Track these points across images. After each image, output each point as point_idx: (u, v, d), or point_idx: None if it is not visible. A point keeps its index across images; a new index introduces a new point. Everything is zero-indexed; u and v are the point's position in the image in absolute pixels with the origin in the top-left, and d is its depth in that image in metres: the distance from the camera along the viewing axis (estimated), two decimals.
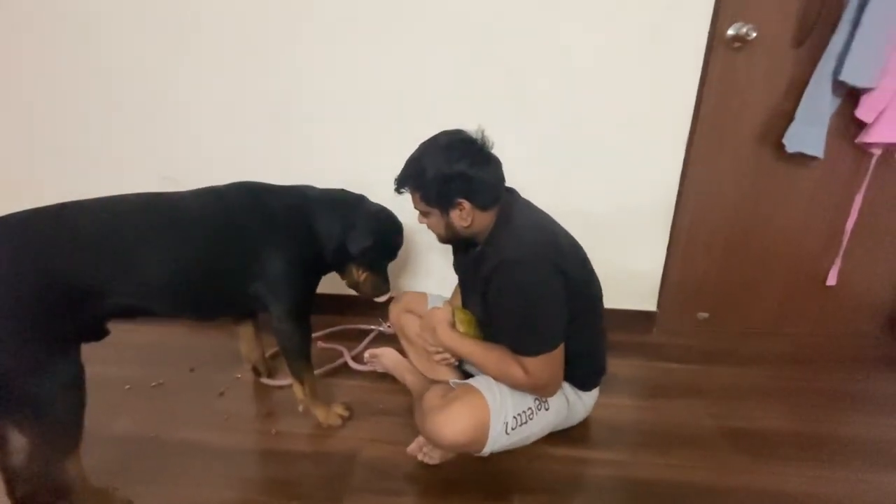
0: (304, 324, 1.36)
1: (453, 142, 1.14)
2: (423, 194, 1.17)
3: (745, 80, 1.60)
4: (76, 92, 1.77)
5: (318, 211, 1.34)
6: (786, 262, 1.85)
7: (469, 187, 1.13)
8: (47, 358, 0.95)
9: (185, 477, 1.23)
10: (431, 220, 1.22)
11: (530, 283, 1.08)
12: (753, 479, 1.23)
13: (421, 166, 1.14)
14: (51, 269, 0.97)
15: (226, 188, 1.29)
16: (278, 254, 1.26)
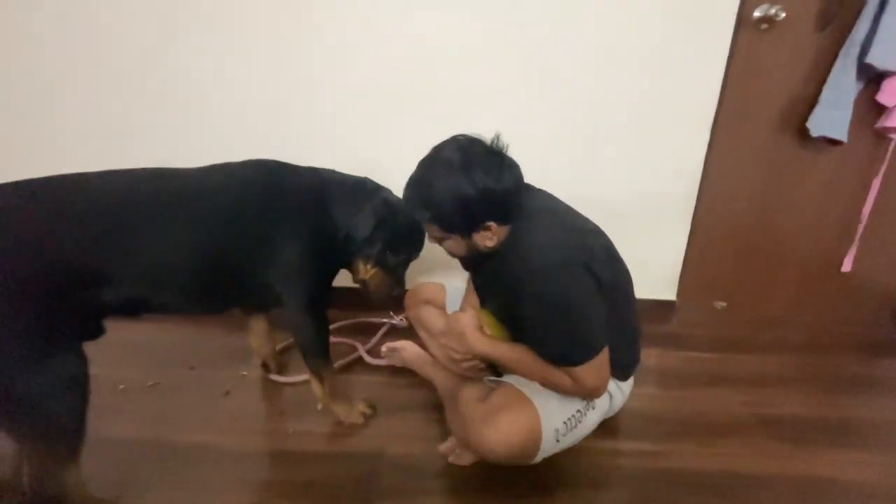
0: (321, 317, 1.26)
1: (470, 156, 0.98)
2: (443, 224, 1.03)
3: (770, 63, 1.57)
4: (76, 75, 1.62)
5: (337, 195, 1.22)
6: (802, 249, 1.84)
7: (495, 206, 1.00)
8: (45, 351, 0.82)
9: (195, 483, 1.12)
10: (449, 245, 1.09)
11: (563, 292, 0.99)
12: (794, 466, 1.21)
13: (434, 191, 0.98)
14: (46, 247, 0.85)
15: (240, 165, 1.18)
16: (293, 239, 1.16)
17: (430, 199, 1.00)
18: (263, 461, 1.20)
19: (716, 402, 1.44)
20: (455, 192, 0.97)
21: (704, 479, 1.15)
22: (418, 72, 1.60)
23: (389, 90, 1.62)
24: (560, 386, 1.06)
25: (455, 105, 1.62)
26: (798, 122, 1.62)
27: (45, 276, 0.84)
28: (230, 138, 1.57)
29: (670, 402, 1.45)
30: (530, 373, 1.09)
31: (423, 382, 1.46)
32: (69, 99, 1.65)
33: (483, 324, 1.18)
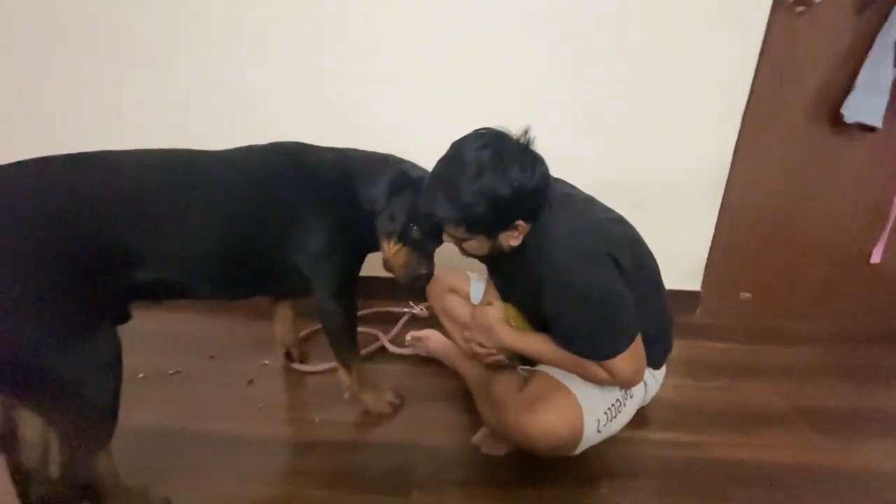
0: (349, 304, 1.22)
1: (502, 153, 0.91)
2: (470, 226, 0.96)
3: (805, 47, 1.54)
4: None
5: (359, 172, 1.17)
6: (830, 239, 1.81)
7: (527, 204, 0.95)
8: (83, 332, 0.78)
9: (225, 471, 1.08)
10: (469, 245, 1.02)
11: (592, 286, 0.95)
12: (840, 458, 1.17)
13: (464, 193, 0.91)
14: (83, 224, 0.81)
15: (265, 147, 1.14)
16: (318, 220, 1.12)
17: (458, 200, 0.92)
18: (293, 450, 1.16)
19: (752, 393, 1.40)
20: (489, 192, 0.90)
21: (751, 471, 1.12)
22: (447, 60, 1.57)
23: (414, 79, 1.59)
24: (595, 378, 1.02)
25: (482, 92, 1.59)
26: (832, 108, 1.59)
27: (82, 254, 0.80)
28: (253, 125, 1.54)
29: (704, 392, 1.41)
30: (563, 363, 1.05)
31: (448, 372, 1.43)
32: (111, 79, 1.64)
33: (510, 316, 1.14)
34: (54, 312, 0.75)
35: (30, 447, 0.91)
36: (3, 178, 0.79)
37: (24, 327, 0.72)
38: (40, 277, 0.74)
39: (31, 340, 0.73)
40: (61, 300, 0.76)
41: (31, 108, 1.68)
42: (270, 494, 1.03)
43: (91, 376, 0.79)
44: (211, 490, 1.03)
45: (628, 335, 0.99)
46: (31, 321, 0.73)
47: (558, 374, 1.06)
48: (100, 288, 0.83)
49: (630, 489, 1.07)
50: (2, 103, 1.67)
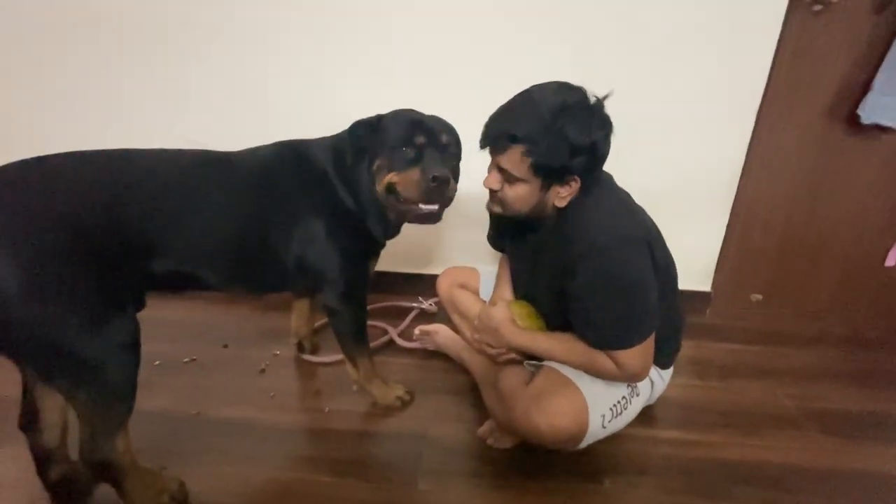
0: (359, 304, 1.23)
1: (590, 106, 0.92)
2: (537, 161, 0.93)
3: (821, 46, 1.52)
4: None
5: (337, 161, 1.14)
6: (844, 242, 1.78)
7: (593, 164, 0.95)
8: (105, 313, 0.82)
9: (237, 456, 1.11)
10: (518, 190, 0.99)
11: (627, 272, 0.96)
12: (850, 461, 1.16)
13: (547, 127, 0.90)
14: (109, 216, 0.86)
15: (268, 147, 1.16)
16: (320, 219, 1.12)
17: (538, 132, 0.90)
18: (304, 438, 1.19)
19: (760, 395, 1.40)
20: (571, 134, 0.90)
21: (755, 471, 1.12)
22: (455, 53, 1.58)
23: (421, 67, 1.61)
24: (602, 371, 1.03)
25: (495, 88, 1.59)
26: (848, 108, 1.57)
27: (106, 242, 0.84)
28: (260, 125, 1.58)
29: (712, 392, 1.41)
30: (571, 359, 1.06)
31: (455, 366, 1.45)
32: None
33: (515, 315, 1.16)
34: (80, 298, 0.79)
35: (50, 428, 0.96)
36: (32, 171, 0.83)
37: (52, 311, 0.76)
38: (69, 265, 0.78)
39: (59, 324, 0.77)
40: (87, 287, 0.80)
41: (42, 109, 1.74)
42: (280, 479, 1.06)
43: (112, 359, 0.83)
44: (223, 472, 1.07)
45: (647, 329, 1.00)
46: (59, 306, 0.77)
47: (565, 370, 1.07)
48: (122, 276, 0.86)
49: (633, 485, 1.08)
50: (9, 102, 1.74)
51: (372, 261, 1.26)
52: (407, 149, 1.07)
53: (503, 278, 1.33)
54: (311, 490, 1.03)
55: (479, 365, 1.31)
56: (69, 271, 0.78)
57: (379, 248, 1.26)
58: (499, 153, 0.99)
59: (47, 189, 0.81)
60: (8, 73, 1.71)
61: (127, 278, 0.89)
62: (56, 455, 0.98)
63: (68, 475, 0.99)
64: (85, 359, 0.80)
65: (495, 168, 1.01)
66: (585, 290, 0.98)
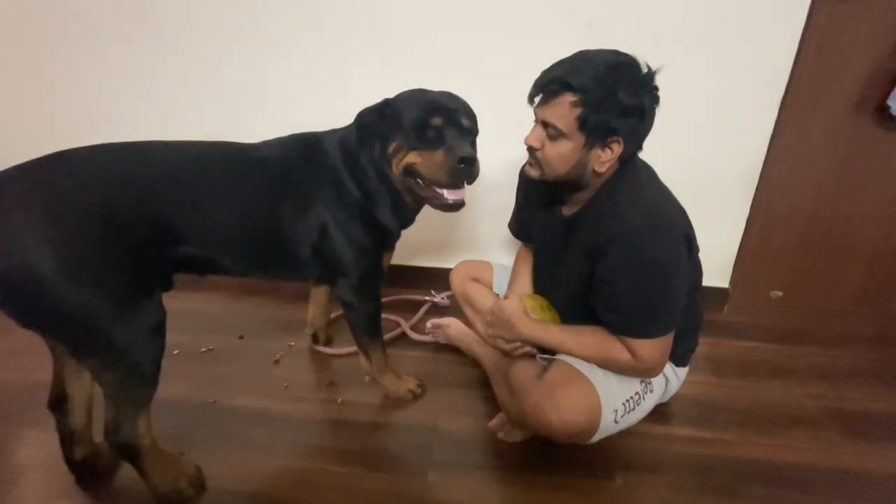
0: (373, 296, 1.24)
1: (641, 72, 0.93)
2: (587, 114, 0.91)
3: (849, 35, 1.46)
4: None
5: (349, 150, 1.13)
6: (870, 238, 1.72)
7: (638, 129, 0.95)
8: (136, 296, 0.87)
9: (252, 444, 1.14)
10: (560, 148, 0.96)
11: (661, 259, 0.94)
12: (872, 464, 1.13)
13: (606, 79, 0.90)
14: (136, 202, 0.89)
15: (283, 139, 1.17)
16: (333, 210, 1.12)
17: (591, 82, 0.90)
18: (318, 428, 1.21)
19: (778, 394, 1.37)
20: (622, 92, 0.90)
21: (771, 470, 1.10)
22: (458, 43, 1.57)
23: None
24: (617, 363, 1.02)
25: (509, 83, 1.58)
26: (877, 101, 1.51)
27: (135, 228, 0.87)
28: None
29: (728, 390, 1.38)
30: (584, 351, 1.05)
31: (467, 359, 1.45)
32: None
33: (529, 309, 1.15)
34: (111, 282, 0.83)
35: (77, 409, 1.00)
36: (63, 163, 0.87)
37: (86, 293, 0.80)
38: (101, 250, 0.82)
39: (92, 305, 0.81)
40: (118, 271, 0.84)
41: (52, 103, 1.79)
42: (292, 467, 1.08)
43: (139, 341, 0.87)
44: (238, 459, 1.09)
45: (670, 321, 0.99)
46: (92, 288, 0.81)
47: (578, 363, 1.06)
48: (150, 261, 0.90)
49: (645, 482, 1.07)
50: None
51: (387, 254, 1.26)
52: (426, 130, 1.05)
53: (520, 273, 1.33)
54: (323, 479, 1.05)
55: (491, 358, 1.31)
56: (101, 256, 0.82)
57: (393, 240, 1.26)
58: (546, 104, 0.97)
59: (79, 179, 0.85)
60: (18, 68, 1.75)
61: (154, 263, 0.92)
62: (81, 436, 1.02)
63: (91, 456, 1.04)
64: (115, 340, 0.84)
65: (539, 124, 1.00)
66: (616, 272, 0.96)
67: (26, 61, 1.74)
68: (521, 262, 1.35)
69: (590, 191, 1.05)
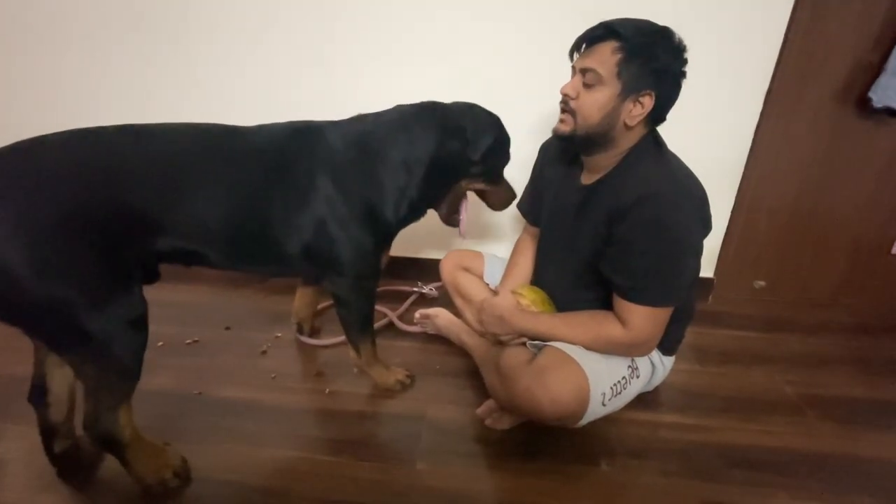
0: (368, 293, 1.23)
1: (682, 44, 0.99)
2: (627, 60, 0.96)
3: (834, 26, 1.48)
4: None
5: (390, 136, 1.11)
6: (851, 229, 1.76)
7: (667, 91, 0.99)
8: (111, 290, 0.84)
9: (239, 435, 1.13)
10: (596, 94, 0.99)
11: (681, 226, 0.96)
12: (848, 447, 1.17)
13: (648, 34, 0.96)
14: (110, 191, 0.85)
15: (281, 126, 1.11)
16: (337, 204, 1.08)
17: (635, 32, 0.96)
18: (305, 418, 1.21)
19: (760, 381, 1.40)
20: (662, 48, 0.96)
21: (753, 455, 1.13)
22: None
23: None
24: (609, 336, 1.03)
25: (491, 79, 1.57)
26: (859, 91, 1.53)
27: (108, 219, 0.83)
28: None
29: (712, 378, 1.41)
30: (575, 331, 1.07)
31: (457, 350, 1.45)
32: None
33: (528, 301, 1.16)
34: (84, 274, 0.80)
35: (58, 402, 0.98)
36: (31, 150, 0.82)
37: (56, 287, 0.78)
38: (70, 242, 0.78)
39: (64, 300, 0.78)
40: (89, 264, 0.81)
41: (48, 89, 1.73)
42: (280, 457, 1.08)
43: (118, 334, 0.85)
44: (224, 451, 1.08)
45: (675, 294, 1.01)
46: (62, 281, 0.78)
47: (568, 348, 1.07)
48: (126, 254, 0.87)
49: (630, 468, 1.08)
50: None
51: (385, 251, 1.24)
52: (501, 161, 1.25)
53: (519, 263, 1.34)
54: (311, 468, 1.05)
55: (480, 347, 1.32)
56: (70, 248, 0.78)
57: (392, 237, 1.24)
58: (589, 51, 1.01)
59: (46, 167, 0.81)
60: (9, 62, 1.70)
61: (131, 255, 0.89)
62: (61, 429, 1.00)
63: (72, 449, 1.02)
64: (91, 334, 0.82)
65: (578, 74, 1.02)
66: (631, 232, 0.97)
67: (23, 54, 1.69)
68: (520, 252, 1.35)
69: (614, 155, 1.06)
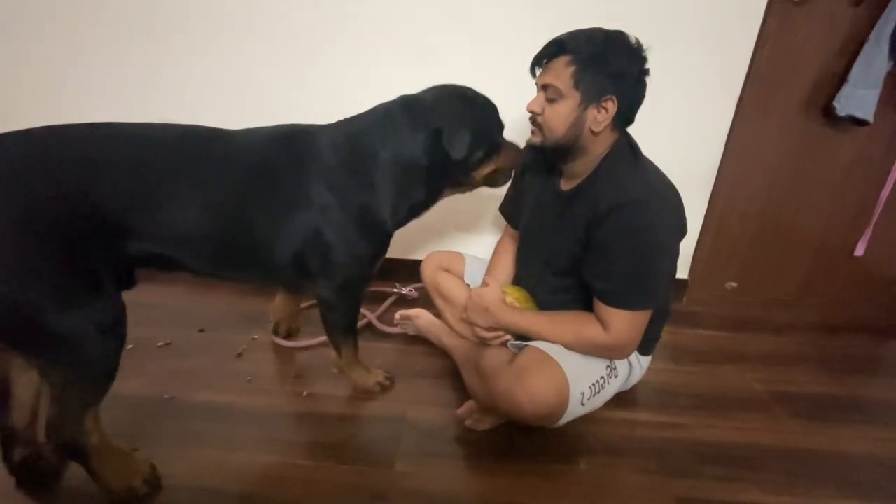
0: (355, 298, 1.22)
1: (638, 45, 1.01)
2: (581, 70, 0.98)
3: (801, 37, 1.54)
4: None
5: (380, 138, 1.07)
6: (817, 231, 1.83)
7: (629, 93, 1.01)
8: (79, 294, 0.81)
9: (213, 440, 1.10)
10: (559, 108, 1.01)
11: (658, 231, 0.99)
12: (814, 441, 1.21)
13: (598, 42, 0.98)
14: (76, 192, 0.81)
15: (269, 130, 1.07)
16: (328, 211, 1.04)
17: (585, 42, 0.99)
18: (282, 421, 1.18)
19: (731, 379, 1.44)
20: (615, 53, 0.99)
21: (725, 451, 1.16)
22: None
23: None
24: (591, 338, 1.05)
25: (468, 62, 1.58)
26: (825, 100, 1.60)
27: (74, 219, 0.81)
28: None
29: (686, 376, 1.45)
30: (558, 331, 1.08)
31: (435, 350, 1.45)
32: None
33: (512, 299, 1.17)
34: (54, 278, 0.78)
35: (21, 408, 0.94)
36: (5, 145, 0.79)
37: (26, 290, 0.75)
38: (41, 244, 0.76)
39: (33, 302, 0.76)
40: (60, 267, 0.78)
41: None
42: (257, 462, 1.05)
43: (87, 338, 0.81)
44: (198, 456, 1.05)
45: (653, 297, 1.03)
46: (33, 285, 0.76)
47: (548, 348, 1.08)
48: (95, 256, 0.83)
49: (608, 466, 1.10)
50: None
51: (381, 256, 1.21)
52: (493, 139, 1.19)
53: (500, 262, 1.35)
54: (289, 473, 1.03)
55: (461, 348, 1.32)
56: (32, 247, 0.75)
57: (389, 241, 1.21)
58: (545, 68, 1.04)
59: (8, 164, 0.77)
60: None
61: (101, 257, 0.85)
62: (22, 436, 0.96)
63: (33, 458, 0.97)
64: (57, 337, 0.79)
65: (540, 91, 1.06)
66: (609, 238, 1.00)
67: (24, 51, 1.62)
68: (501, 253, 1.36)
69: (589, 163, 1.08)
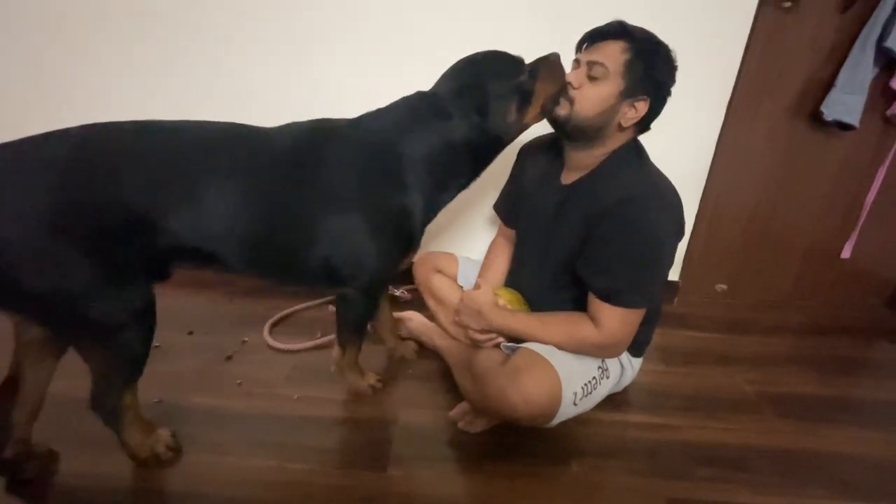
0: (376, 298, 1.22)
1: (676, 62, 1.06)
2: (634, 60, 1.00)
3: (790, 43, 1.56)
4: None
5: (403, 136, 1.03)
6: (805, 234, 1.85)
7: (658, 103, 1.05)
8: (114, 283, 0.86)
9: (202, 444, 1.08)
10: (599, 89, 1.01)
11: (658, 230, 1.00)
12: (803, 442, 1.22)
13: (654, 43, 1.03)
14: (114, 188, 0.85)
15: (304, 126, 1.04)
16: (362, 213, 1.02)
17: (646, 37, 1.02)
18: (274, 425, 1.17)
19: (722, 380, 1.45)
20: (666, 62, 1.04)
21: (716, 452, 1.17)
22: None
23: None
24: (583, 336, 1.06)
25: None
26: (813, 105, 1.62)
27: (113, 215, 0.85)
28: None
29: (677, 378, 1.45)
30: (550, 331, 1.08)
31: (428, 352, 1.45)
32: None
33: (505, 301, 1.17)
34: (93, 270, 0.83)
35: (23, 404, 0.95)
36: (41, 146, 0.82)
37: (68, 282, 0.82)
38: (81, 239, 0.81)
39: (70, 290, 0.82)
40: (98, 260, 0.83)
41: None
42: (247, 466, 1.04)
43: (124, 323, 0.88)
44: (187, 461, 1.04)
45: (648, 296, 1.04)
46: (75, 277, 0.82)
47: (541, 349, 1.08)
48: (132, 249, 0.87)
49: (600, 467, 1.10)
50: None
51: (410, 256, 1.19)
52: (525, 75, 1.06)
53: (493, 264, 1.35)
54: (280, 477, 1.02)
55: (453, 350, 1.32)
56: (66, 240, 0.80)
57: (420, 241, 1.17)
58: (599, 45, 1.04)
59: (45, 161, 0.81)
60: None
61: (136, 251, 0.88)
62: (17, 433, 0.95)
63: (23, 456, 0.96)
64: (95, 325, 0.86)
65: (584, 65, 1.05)
66: (609, 234, 1.00)
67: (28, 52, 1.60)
68: (495, 253, 1.36)
69: (597, 155, 1.09)
